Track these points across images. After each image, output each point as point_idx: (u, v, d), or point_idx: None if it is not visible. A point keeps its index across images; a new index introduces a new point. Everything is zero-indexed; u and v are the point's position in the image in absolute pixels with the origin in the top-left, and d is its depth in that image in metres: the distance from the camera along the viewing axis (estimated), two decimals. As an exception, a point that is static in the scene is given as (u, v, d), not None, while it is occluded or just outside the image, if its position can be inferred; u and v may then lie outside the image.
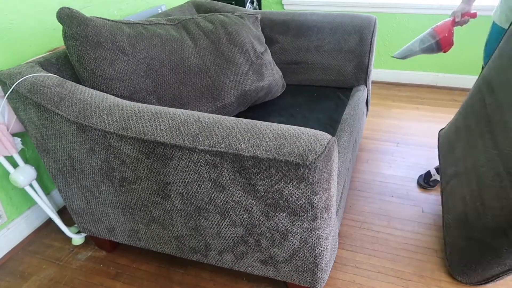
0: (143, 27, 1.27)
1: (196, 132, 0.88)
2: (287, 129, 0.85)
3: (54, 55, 1.22)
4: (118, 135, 0.94)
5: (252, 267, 1.10)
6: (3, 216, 1.45)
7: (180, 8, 1.87)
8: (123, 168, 1.00)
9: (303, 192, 0.83)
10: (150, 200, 1.05)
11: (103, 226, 1.25)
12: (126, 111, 0.96)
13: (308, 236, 0.92)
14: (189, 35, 1.42)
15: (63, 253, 1.45)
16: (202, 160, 0.88)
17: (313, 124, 1.44)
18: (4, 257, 1.45)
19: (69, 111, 0.99)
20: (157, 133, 0.90)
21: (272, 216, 0.92)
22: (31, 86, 1.03)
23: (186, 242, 1.12)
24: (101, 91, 1.09)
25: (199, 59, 1.40)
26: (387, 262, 1.32)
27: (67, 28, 1.09)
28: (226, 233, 1.02)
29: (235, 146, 0.84)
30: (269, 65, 1.67)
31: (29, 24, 1.42)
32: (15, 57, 1.39)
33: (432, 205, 1.56)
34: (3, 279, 1.35)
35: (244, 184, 0.88)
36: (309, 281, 1.05)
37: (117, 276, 1.33)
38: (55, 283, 1.32)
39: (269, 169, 0.83)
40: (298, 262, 1.00)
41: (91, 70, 1.12)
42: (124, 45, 1.18)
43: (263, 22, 1.80)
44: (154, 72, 1.25)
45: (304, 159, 0.79)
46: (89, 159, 1.04)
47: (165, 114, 0.93)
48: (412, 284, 1.23)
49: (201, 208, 0.99)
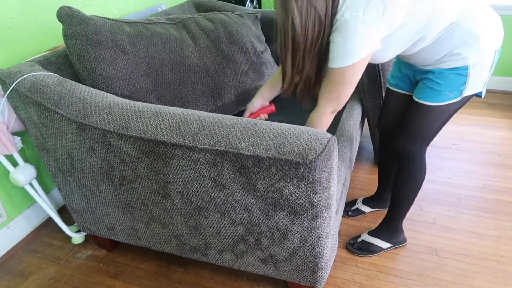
0: (143, 26, 1.27)
1: (196, 131, 0.88)
2: (287, 128, 0.85)
3: (54, 54, 1.22)
4: (118, 134, 0.94)
5: (252, 266, 1.10)
6: (3, 215, 1.45)
7: (180, 7, 1.87)
8: (123, 167, 1.00)
9: (303, 191, 0.83)
10: (150, 199, 1.05)
11: (103, 225, 1.25)
12: (126, 110, 0.96)
13: (308, 235, 0.92)
14: (189, 34, 1.41)
15: (63, 252, 1.45)
16: (202, 159, 0.88)
17: (313, 123, 1.43)
18: (4, 256, 1.45)
19: (69, 110, 0.99)
20: (157, 132, 0.90)
21: (272, 215, 0.92)
22: (31, 85, 1.03)
23: (186, 241, 1.12)
24: (101, 90, 1.09)
25: (199, 58, 1.40)
26: (387, 261, 1.32)
27: (67, 27, 1.09)
28: (226, 232, 1.02)
29: (235, 145, 0.84)
30: (269, 64, 1.67)
31: (29, 23, 1.42)
32: (15, 56, 1.39)
33: (432, 204, 1.56)
34: (3, 278, 1.35)
35: (244, 183, 0.88)
36: (309, 280, 1.05)
37: (117, 275, 1.33)
38: (55, 282, 1.32)
39: (269, 168, 0.82)
40: (298, 261, 1.00)
41: (91, 69, 1.12)
42: (124, 44, 1.17)
43: (263, 21, 1.80)
44: (154, 71, 1.25)
45: (304, 158, 0.79)
46: (89, 158, 1.04)
47: (165, 113, 0.93)
48: (412, 283, 1.23)
49: (201, 207, 0.99)
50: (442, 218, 1.49)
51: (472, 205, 1.55)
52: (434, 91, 1.03)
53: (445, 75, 1.00)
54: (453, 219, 1.48)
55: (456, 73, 0.98)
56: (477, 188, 1.64)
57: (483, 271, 1.26)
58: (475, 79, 0.99)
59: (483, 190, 1.63)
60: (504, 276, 1.24)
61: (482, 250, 1.34)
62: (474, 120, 2.20)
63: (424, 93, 1.05)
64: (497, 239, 1.38)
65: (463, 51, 0.95)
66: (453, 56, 0.97)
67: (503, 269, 1.26)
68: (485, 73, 1.00)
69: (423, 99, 1.06)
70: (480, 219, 1.47)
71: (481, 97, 1.07)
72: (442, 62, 0.99)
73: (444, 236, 1.41)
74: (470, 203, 1.56)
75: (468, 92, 1.01)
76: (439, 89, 1.02)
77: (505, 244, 1.35)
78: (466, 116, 2.24)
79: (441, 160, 1.84)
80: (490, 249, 1.34)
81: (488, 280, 1.22)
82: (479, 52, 0.95)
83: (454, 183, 1.68)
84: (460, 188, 1.65)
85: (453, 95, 1.01)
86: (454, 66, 0.98)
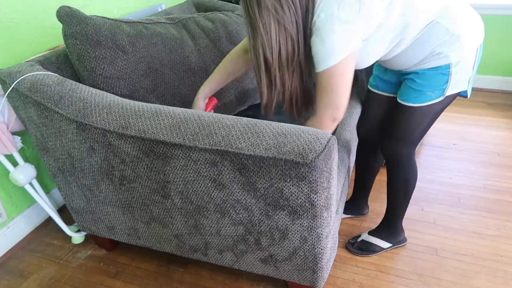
0: (143, 26, 1.27)
1: (196, 130, 0.88)
2: (287, 128, 0.85)
3: (54, 53, 1.22)
4: (118, 133, 0.94)
5: (252, 266, 1.10)
6: (3, 214, 1.45)
7: (180, 6, 1.87)
8: (123, 166, 1.00)
9: (303, 190, 0.83)
10: (150, 198, 1.05)
11: (103, 224, 1.25)
12: (126, 109, 0.96)
13: (308, 234, 0.92)
14: (189, 34, 1.41)
15: (63, 252, 1.45)
16: (202, 158, 0.88)
17: (313, 123, 1.43)
18: (4, 255, 1.45)
19: (69, 109, 0.99)
20: (157, 132, 0.90)
21: (272, 214, 0.92)
22: (31, 84, 1.03)
23: (186, 241, 1.12)
24: (101, 90, 1.09)
25: (199, 58, 1.40)
26: (387, 261, 1.32)
27: (67, 27, 1.09)
28: (226, 231, 1.02)
29: (235, 145, 0.84)
30: (269, 64, 1.66)
31: (29, 23, 1.42)
32: (15, 56, 1.39)
33: (432, 204, 1.56)
34: (3, 278, 1.35)
35: (244, 182, 0.88)
36: (309, 280, 1.05)
37: (117, 275, 1.33)
38: (55, 282, 1.32)
39: (269, 167, 0.82)
40: (298, 260, 1.00)
41: (91, 69, 1.12)
42: (124, 43, 1.17)
43: (263, 21, 1.79)
44: (154, 71, 1.25)
45: (304, 158, 0.79)
46: (89, 157, 1.04)
47: (165, 113, 0.93)
48: (412, 283, 1.23)
49: (201, 206, 0.99)
50: (442, 218, 1.49)
51: (472, 205, 1.55)
52: (416, 92, 1.02)
53: (426, 75, 0.99)
54: (453, 219, 1.48)
55: (438, 72, 0.98)
56: (477, 188, 1.64)
57: (483, 271, 1.26)
58: (457, 77, 0.98)
59: (483, 190, 1.63)
60: (504, 276, 1.24)
61: (482, 250, 1.34)
62: (474, 120, 2.20)
63: (407, 94, 1.05)
64: (497, 239, 1.38)
65: (444, 50, 0.95)
66: (435, 55, 0.96)
67: (503, 269, 1.26)
68: (467, 71, 1.00)
69: (406, 100, 1.05)
70: (480, 219, 1.47)
71: (466, 97, 1.06)
72: (424, 63, 0.98)
73: (444, 236, 1.41)
74: (470, 203, 1.56)
75: (451, 91, 1.01)
76: (421, 89, 1.01)
77: (505, 244, 1.35)
78: (466, 116, 2.24)
79: (441, 160, 1.84)
80: (490, 249, 1.34)
81: (488, 280, 1.22)
82: (461, 50, 0.95)
83: (454, 183, 1.68)
84: (460, 188, 1.65)
85: (435, 94, 1.01)
86: (436, 65, 0.97)
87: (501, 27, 2.33)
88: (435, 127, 2.13)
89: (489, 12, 2.31)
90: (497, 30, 2.34)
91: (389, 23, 0.92)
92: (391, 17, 0.91)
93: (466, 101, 2.42)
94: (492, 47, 2.41)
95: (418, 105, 1.04)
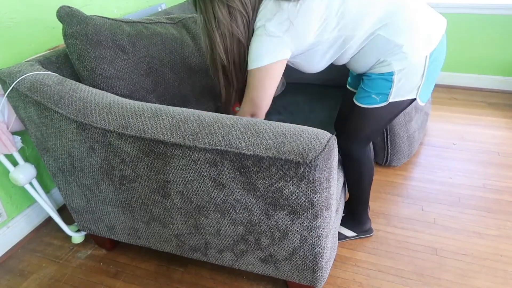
0: (143, 26, 1.27)
1: (196, 130, 0.88)
2: (287, 128, 0.85)
3: (54, 53, 1.22)
4: (118, 133, 0.94)
5: (252, 266, 1.10)
6: (3, 214, 1.45)
7: (180, 6, 1.87)
8: (123, 166, 1.00)
9: (303, 190, 0.83)
10: (150, 198, 1.05)
11: (103, 224, 1.25)
12: (126, 109, 0.96)
13: (308, 234, 0.92)
14: (189, 34, 1.41)
15: (63, 252, 1.45)
16: (202, 158, 0.88)
17: (313, 122, 1.44)
18: (4, 255, 1.45)
19: (69, 109, 0.99)
20: (157, 132, 0.90)
21: (272, 214, 0.92)
22: (31, 84, 1.03)
23: (186, 241, 1.12)
24: (101, 90, 1.09)
25: (199, 58, 1.40)
26: (387, 261, 1.32)
27: (67, 27, 1.09)
28: (226, 231, 1.02)
29: (235, 145, 0.84)
30: (269, 63, 1.66)
31: (29, 22, 1.42)
32: (15, 56, 1.39)
33: (432, 204, 1.56)
34: (3, 277, 1.35)
35: (244, 182, 0.88)
36: (309, 280, 1.05)
37: (117, 275, 1.33)
38: (55, 282, 1.32)
39: (269, 167, 0.83)
40: (298, 260, 1.00)
41: (91, 69, 1.12)
42: (124, 43, 1.17)
43: (263, 21, 1.79)
44: (154, 71, 1.25)
45: (304, 158, 0.79)
46: (89, 157, 1.04)
47: (165, 113, 0.93)
48: (412, 283, 1.23)
49: (201, 206, 0.99)
50: (442, 217, 1.49)
51: (472, 204, 1.55)
52: (365, 93, 1.07)
53: (372, 78, 1.05)
54: (453, 219, 1.48)
55: (383, 78, 1.02)
56: (477, 187, 1.64)
57: (483, 271, 1.26)
58: (400, 85, 1.02)
59: (483, 189, 1.63)
60: (504, 276, 1.24)
61: (482, 249, 1.34)
62: (474, 120, 2.20)
63: (358, 93, 1.10)
64: (497, 238, 1.38)
65: (388, 58, 1.00)
66: (380, 63, 1.02)
67: (503, 268, 1.26)
68: (414, 79, 1.02)
69: (356, 99, 1.10)
70: (480, 219, 1.47)
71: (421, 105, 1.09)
72: (373, 68, 1.04)
73: (444, 235, 1.41)
74: (470, 203, 1.56)
75: (395, 98, 1.05)
76: (369, 90, 1.06)
77: (505, 244, 1.35)
78: (466, 116, 2.24)
79: (441, 160, 1.84)
80: (490, 249, 1.34)
81: (488, 280, 1.22)
82: (405, 59, 0.99)
83: (454, 183, 1.68)
84: (460, 188, 1.65)
85: (380, 99, 1.05)
86: (381, 72, 1.02)
87: (501, 27, 2.33)
88: (435, 127, 2.14)
89: (489, 12, 2.31)
90: (497, 30, 2.34)
91: (326, 40, 1.00)
92: (327, 33, 0.98)
93: (466, 101, 2.42)
94: (492, 47, 2.41)
95: (364, 106, 1.08)
